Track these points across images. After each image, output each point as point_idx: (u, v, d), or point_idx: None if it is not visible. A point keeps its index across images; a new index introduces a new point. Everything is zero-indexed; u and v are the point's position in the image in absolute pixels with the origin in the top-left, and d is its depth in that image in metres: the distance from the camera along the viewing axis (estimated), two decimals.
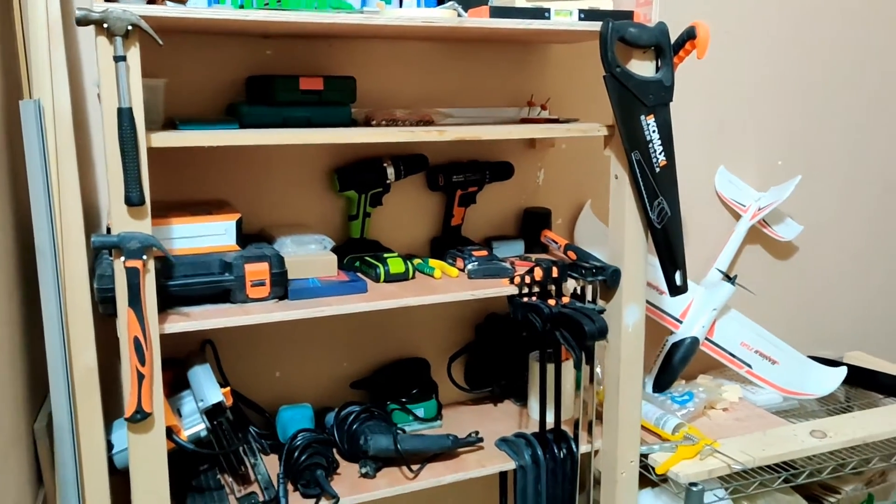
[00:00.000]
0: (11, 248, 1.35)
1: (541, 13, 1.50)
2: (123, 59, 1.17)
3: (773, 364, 2.11)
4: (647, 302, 2.04)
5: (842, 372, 2.12)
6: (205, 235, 1.45)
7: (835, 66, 2.29)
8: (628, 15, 1.55)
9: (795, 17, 2.20)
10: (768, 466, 1.77)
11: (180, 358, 1.61)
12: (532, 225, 1.91)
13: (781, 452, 1.76)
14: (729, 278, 2.07)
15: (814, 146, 2.30)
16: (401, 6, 1.59)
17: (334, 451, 1.63)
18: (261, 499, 1.45)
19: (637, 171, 1.55)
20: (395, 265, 1.61)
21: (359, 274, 1.63)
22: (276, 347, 1.78)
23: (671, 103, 1.54)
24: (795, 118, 2.26)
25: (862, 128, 2.37)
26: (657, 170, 1.56)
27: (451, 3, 1.58)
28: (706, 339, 2.06)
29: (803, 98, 2.26)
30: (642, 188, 1.56)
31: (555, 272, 1.61)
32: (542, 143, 1.93)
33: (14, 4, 1.37)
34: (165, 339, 1.33)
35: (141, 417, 1.27)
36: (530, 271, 1.60)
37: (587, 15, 1.52)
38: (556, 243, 1.82)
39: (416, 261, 1.70)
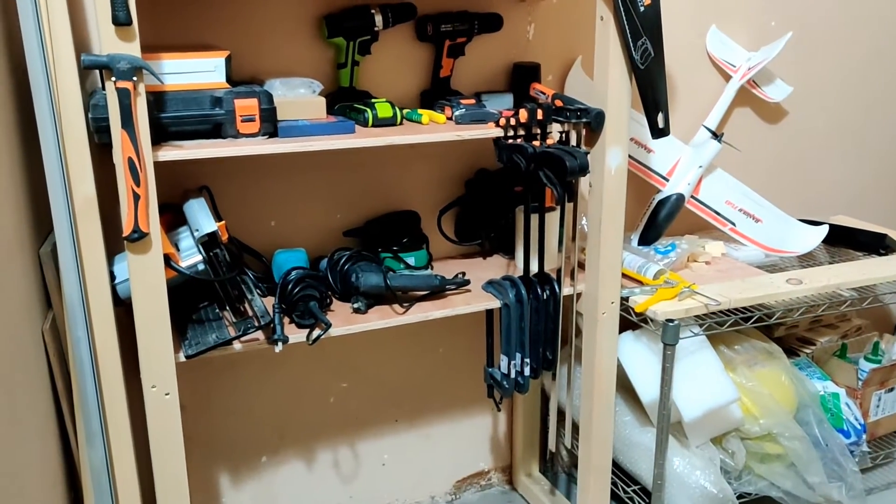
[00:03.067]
0: (7, 83, 1.38)
1: None
2: None
3: (756, 222, 2.16)
4: (635, 159, 2.08)
5: (823, 230, 2.18)
6: (195, 72, 1.47)
7: None
8: None
9: None
10: (744, 308, 1.84)
11: (177, 203, 1.66)
12: (521, 79, 1.92)
13: (757, 295, 1.83)
14: (716, 136, 2.10)
15: (807, 5, 2.28)
16: None
17: (328, 291, 1.71)
18: (256, 324, 1.53)
19: (622, 8, 1.56)
20: (383, 110, 1.64)
21: (347, 119, 1.66)
22: (271, 196, 1.83)
23: None
24: None
25: None
26: (641, 8, 1.57)
27: None
28: (692, 197, 2.11)
29: None
30: (626, 27, 1.58)
31: (539, 114, 1.64)
32: None
33: None
34: (162, 180, 1.38)
35: (138, 237, 1.34)
36: (515, 114, 1.63)
37: None
38: (545, 94, 1.84)
39: (405, 109, 1.73)
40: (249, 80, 1.69)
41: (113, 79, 1.26)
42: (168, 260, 1.44)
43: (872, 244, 2.17)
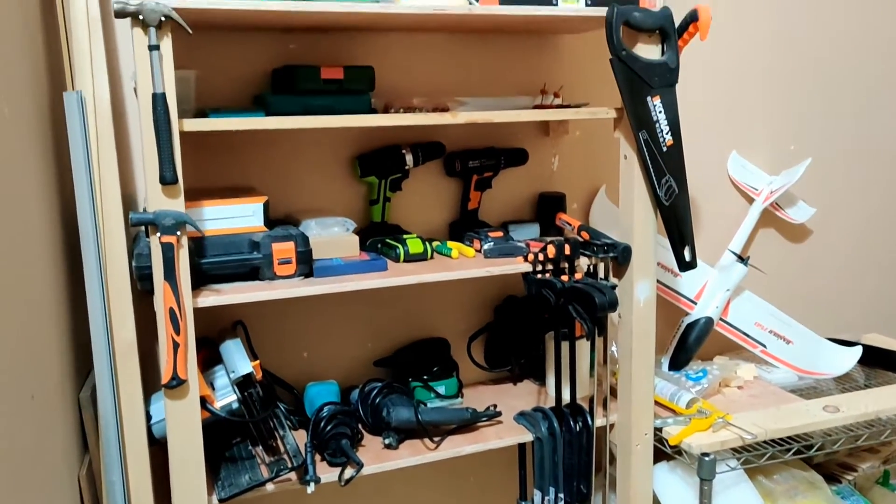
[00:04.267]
0: (58, 231, 1.45)
1: (548, 0, 1.57)
2: (157, 48, 1.27)
3: (787, 344, 2.14)
4: (663, 284, 2.10)
5: (857, 351, 2.16)
6: (234, 217, 1.54)
7: (843, 49, 2.32)
8: (633, 0, 1.62)
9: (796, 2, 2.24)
10: (781, 440, 1.80)
11: (213, 338, 1.70)
12: (547, 209, 1.97)
13: (793, 425, 1.80)
14: (741, 259, 2.11)
15: (825, 129, 2.33)
16: None
17: (359, 424, 1.71)
18: (289, 465, 1.53)
19: (645, 150, 1.62)
20: (414, 245, 1.69)
21: (380, 255, 1.70)
22: (304, 328, 1.86)
23: (679, 88, 1.60)
24: (805, 102, 2.30)
25: (872, 110, 2.39)
26: (664, 149, 1.62)
27: None
28: (721, 319, 2.11)
29: (813, 81, 2.30)
30: (650, 167, 1.63)
31: (567, 249, 1.67)
32: (556, 130, 2.00)
33: (57, 1, 1.48)
34: (199, 318, 1.42)
35: (176, 384, 1.36)
36: (543, 249, 1.67)
37: (593, 1, 1.59)
38: (571, 225, 1.89)
39: (435, 242, 1.78)
40: (285, 218, 1.75)
41: (158, 234, 1.32)
42: (204, 402, 1.46)
43: None
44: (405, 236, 1.72)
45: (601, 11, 1.56)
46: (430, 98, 1.77)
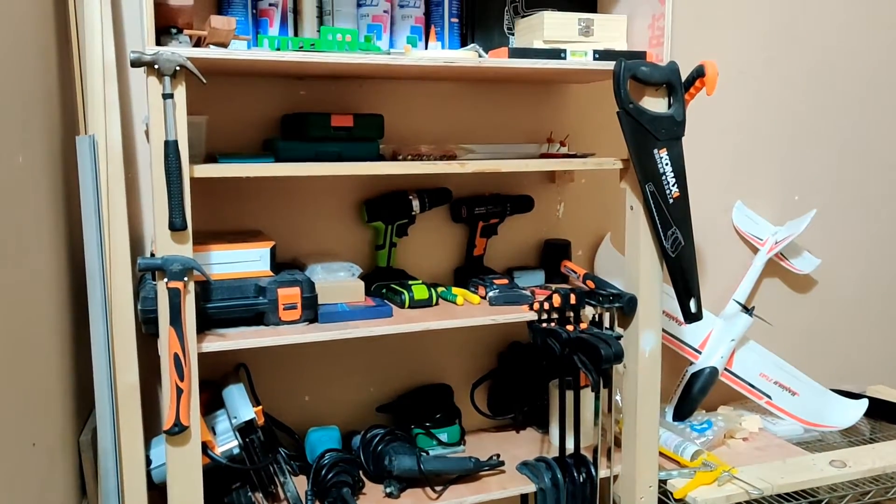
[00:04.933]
0: (64, 271, 1.45)
1: (557, 53, 1.59)
2: (171, 96, 1.29)
3: (792, 395, 2.13)
4: (667, 332, 2.09)
5: (863, 404, 2.14)
6: (241, 262, 1.54)
7: (847, 102, 2.34)
8: (641, 55, 1.64)
9: (806, 53, 2.27)
10: (787, 494, 1.78)
11: (216, 380, 1.69)
12: (552, 256, 1.98)
13: (800, 480, 1.77)
14: (746, 309, 2.11)
15: (830, 181, 2.35)
16: (426, 48, 1.70)
17: (360, 472, 1.69)
18: None
19: (651, 202, 1.62)
20: (420, 292, 1.69)
21: (385, 300, 1.70)
22: (307, 372, 1.85)
23: (685, 139, 1.62)
24: (810, 154, 2.32)
25: (876, 163, 2.41)
26: (671, 201, 1.63)
27: (472, 45, 1.69)
28: (725, 369, 2.10)
29: (817, 134, 2.32)
30: (656, 218, 1.63)
31: (572, 299, 1.67)
32: (562, 177, 2.01)
33: (73, 47, 1.51)
34: (203, 360, 1.42)
35: (178, 430, 1.35)
36: (549, 298, 1.67)
37: (601, 55, 1.61)
38: (576, 273, 1.89)
39: (440, 288, 1.78)
40: (292, 262, 1.75)
41: (165, 279, 1.32)
42: (205, 448, 1.44)
43: None
44: (410, 282, 1.73)
45: (609, 65, 1.58)
46: (438, 145, 1.79)
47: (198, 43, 1.41)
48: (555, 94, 2.00)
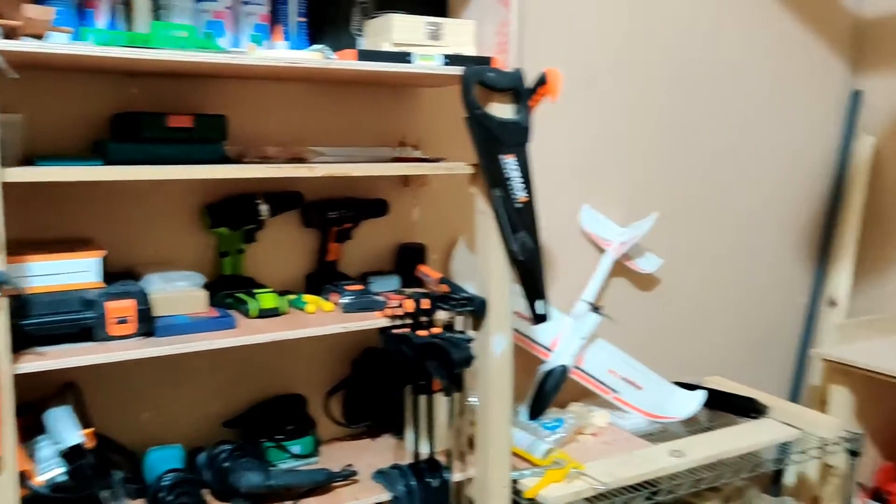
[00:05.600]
0: None
1: (404, 57, 1.57)
2: None
3: (638, 390, 2.23)
4: (520, 333, 2.13)
5: (701, 395, 2.27)
6: (66, 273, 1.42)
7: (690, 110, 2.48)
8: (488, 61, 1.65)
9: (651, 60, 2.38)
10: (632, 486, 1.86)
11: (38, 402, 1.55)
12: (407, 260, 1.96)
13: (642, 472, 1.86)
14: (595, 308, 2.19)
15: (672, 185, 2.48)
16: (273, 47, 1.64)
17: (207, 491, 1.60)
18: None
19: (499, 206, 1.64)
20: (267, 300, 1.63)
21: (229, 310, 1.63)
22: (145, 388, 1.74)
23: (535, 143, 1.65)
24: (654, 159, 2.43)
25: (715, 166, 2.57)
26: (518, 205, 1.66)
27: (320, 45, 1.64)
28: (576, 367, 2.17)
29: (660, 139, 2.44)
30: (505, 222, 1.65)
31: (425, 304, 1.66)
32: (416, 181, 2.00)
33: None
34: (22, 382, 1.29)
35: None
36: (401, 304, 1.65)
37: (450, 60, 1.61)
38: (431, 277, 1.89)
39: (291, 296, 1.72)
40: (126, 272, 1.63)
41: None
42: (24, 477, 1.32)
43: (745, 408, 2.28)
44: (257, 290, 1.66)
45: (457, 70, 1.59)
46: (287, 147, 1.73)
47: (10, 34, 1.28)
48: (407, 98, 1.99)
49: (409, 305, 1.64)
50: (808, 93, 2.72)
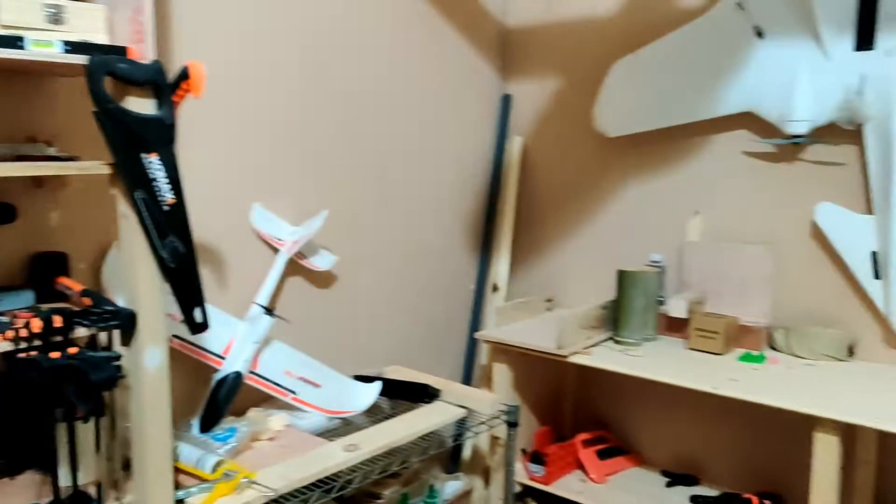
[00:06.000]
0: None
1: (15, 42, 1.37)
2: None
3: (316, 388, 2.23)
4: (188, 342, 2.01)
5: (377, 386, 2.34)
6: None
7: (356, 111, 2.53)
8: (122, 50, 1.51)
9: (318, 63, 2.38)
10: (307, 486, 1.85)
11: None
12: (44, 272, 1.74)
13: (316, 471, 1.86)
14: (268, 311, 2.14)
15: (342, 184, 2.51)
16: None
17: None
18: None
19: (143, 210, 1.52)
20: None
21: None
22: None
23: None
24: (324, 156, 2.45)
25: (385, 165, 2.66)
26: (165, 208, 1.55)
27: None
28: (251, 371, 2.10)
29: (330, 140, 2.46)
30: (151, 227, 1.53)
31: (57, 321, 1.48)
32: (53, 182, 1.78)
33: None
34: None
35: None
36: (27, 324, 1.45)
37: (73, 48, 1.45)
38: (73, 290, 1.69)
39: None
40: None
41: None
42: None
43: (419, 394, 2.40)
44: None
45: (81, 59, 1.42)
46: None
47: None
48: (39, 88, 1.75)
49: (37, 325, 1.45)
50: (465, 97, 2.94)
